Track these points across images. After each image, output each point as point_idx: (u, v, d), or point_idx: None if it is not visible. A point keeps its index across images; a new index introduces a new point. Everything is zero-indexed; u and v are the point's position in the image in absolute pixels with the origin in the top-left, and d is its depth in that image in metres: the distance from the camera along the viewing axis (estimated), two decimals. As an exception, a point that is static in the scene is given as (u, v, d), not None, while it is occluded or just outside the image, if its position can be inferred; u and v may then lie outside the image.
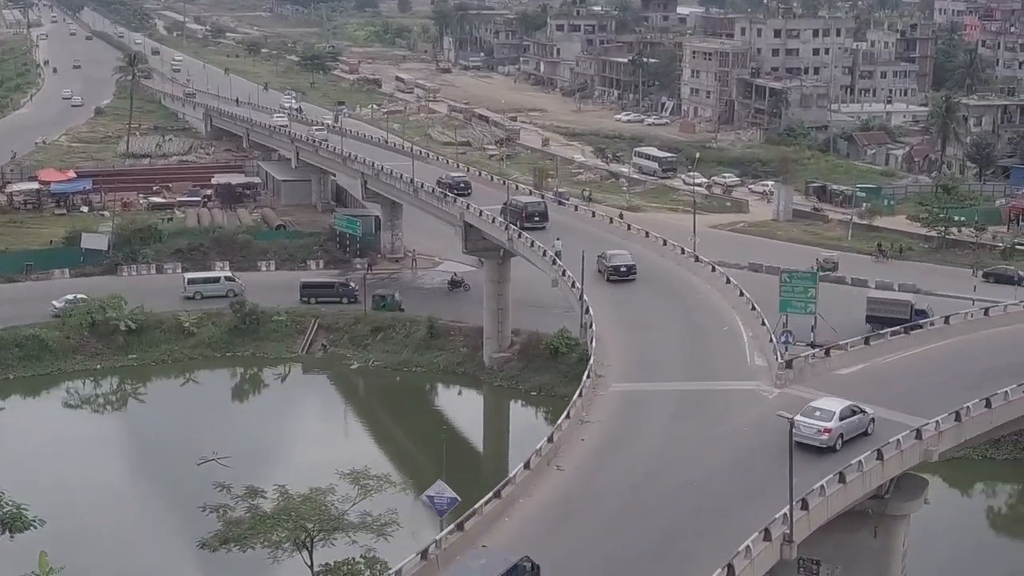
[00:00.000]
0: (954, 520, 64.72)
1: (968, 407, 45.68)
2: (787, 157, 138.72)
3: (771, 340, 52.60)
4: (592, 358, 51.79)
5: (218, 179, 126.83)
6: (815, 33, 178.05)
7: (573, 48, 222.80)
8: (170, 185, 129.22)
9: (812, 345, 58.63)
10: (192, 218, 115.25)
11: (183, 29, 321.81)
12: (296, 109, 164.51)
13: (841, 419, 43.15)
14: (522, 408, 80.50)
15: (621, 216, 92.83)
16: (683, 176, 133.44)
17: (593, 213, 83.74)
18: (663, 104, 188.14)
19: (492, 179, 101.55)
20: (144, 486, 66.46)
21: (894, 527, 45.12)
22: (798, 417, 42.14)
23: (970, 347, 55.42)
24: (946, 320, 58.00)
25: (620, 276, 66.79)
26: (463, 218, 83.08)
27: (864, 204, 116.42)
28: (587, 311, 59.08)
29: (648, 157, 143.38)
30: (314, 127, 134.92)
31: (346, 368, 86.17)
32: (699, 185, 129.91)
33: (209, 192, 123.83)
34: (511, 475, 39.86)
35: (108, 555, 58.08)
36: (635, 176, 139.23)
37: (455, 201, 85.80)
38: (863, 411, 44.48)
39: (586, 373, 50.15)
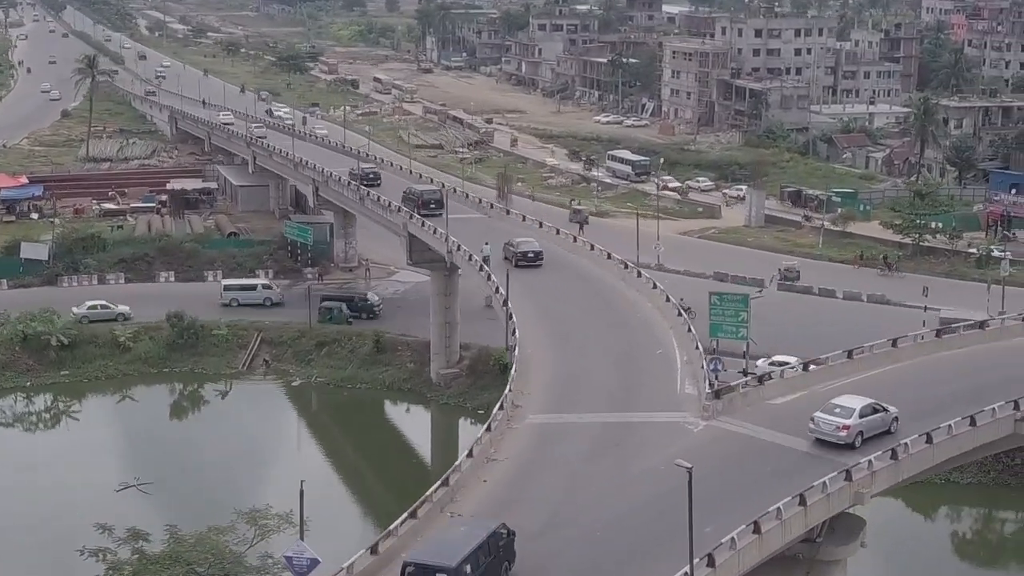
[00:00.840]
0: (915, 546, 61.95)
1: (907, 443, 41.76)
2: (762, 160, 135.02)
3: (703, 366, 48.81)
4: (508, 387, 47.94)
5: (174, 184, 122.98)
6: (797, 33, 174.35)
7: (555, 48, 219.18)
8: (125, 190, 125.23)
9: (744, 372, 54.84)
10: (143, 225, 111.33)
11: (164, 29, 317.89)
12: (266, 111, 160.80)
13: (861, 416, 42.39)
14: (471, 427, 76.50)
15: (582, 226, 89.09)
16: (655, 180, 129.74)
17: (540, 223, 79.82)
18: (643, 105, 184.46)
19: (404, 173, 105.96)
20: (47, 515, 62.03)
21: (828, 573, 41.54)
22: (818, 414, 42.45)
23: (922, 372, 51.51)
24: None
25: (528, 262, 70.01)
26: (406, 228, 79.46)
27: (838, 209, 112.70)
28: (514, 332, 55.45)
29: (621, 160, 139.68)
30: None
31: (288, 384, 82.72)
32: (673, 190, 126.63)
33: (164, 198, 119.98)
34: (392, 526, 36.04)
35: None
36: (607, 180, 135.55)
37: (399, 210, 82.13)
38: (885, 409, 43.26)
39: (499, 404, 46.31)
